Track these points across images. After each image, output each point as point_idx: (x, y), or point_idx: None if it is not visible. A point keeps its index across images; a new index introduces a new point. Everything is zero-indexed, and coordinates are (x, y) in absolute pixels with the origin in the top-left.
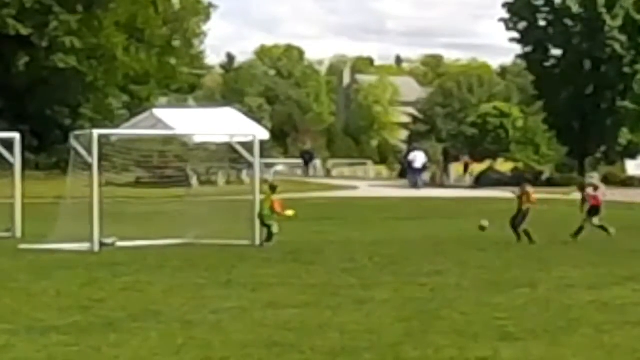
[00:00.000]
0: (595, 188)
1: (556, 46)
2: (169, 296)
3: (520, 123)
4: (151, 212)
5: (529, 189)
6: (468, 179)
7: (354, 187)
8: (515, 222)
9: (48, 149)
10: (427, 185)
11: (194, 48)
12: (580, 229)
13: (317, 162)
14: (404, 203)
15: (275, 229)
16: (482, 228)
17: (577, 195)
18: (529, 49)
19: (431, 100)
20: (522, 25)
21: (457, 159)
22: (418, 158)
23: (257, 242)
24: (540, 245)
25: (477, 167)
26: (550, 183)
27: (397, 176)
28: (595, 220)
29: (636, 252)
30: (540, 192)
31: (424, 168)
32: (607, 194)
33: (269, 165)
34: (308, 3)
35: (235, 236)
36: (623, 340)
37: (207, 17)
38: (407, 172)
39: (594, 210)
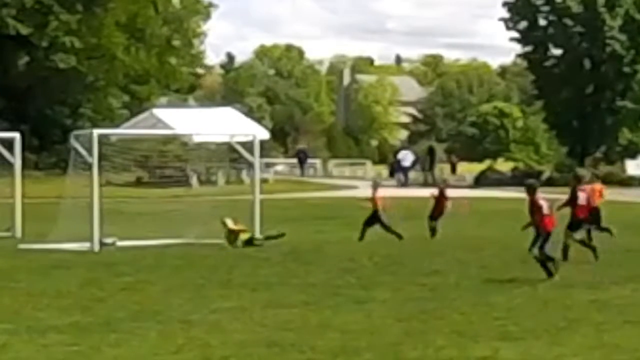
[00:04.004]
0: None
1: (556, 46)
2: (169, 296)
3: (520, 123)
4: (151, 212)
5: (378, 192)
6: (455, 179)
7: (354, 187)
8: (368, 222)
9: (48, 149)
10: (412, 184)
11: (194, 48)
12: (434, 231)
13: (317, 162)
14: (403, 203)
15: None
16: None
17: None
18: (529, 48)
19: (431, 100)
20: (522, 24)
21: (449, 159)
22: (407, 157)
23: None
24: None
25: (466, 167)
26: (550, 183)
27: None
28: (435, 224)
29: (636, 252)
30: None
31: (413, 166)
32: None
33: (269, 165)
34: (308, 3)
35: None
36: (623, 340)
37: (207, 16)
38: (395, 170)
39: (440, 214)
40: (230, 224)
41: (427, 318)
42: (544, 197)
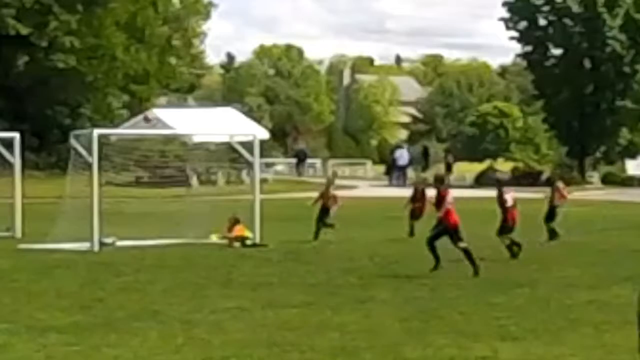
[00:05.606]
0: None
1: (556, 45)
2: (169, 296)
3: (520, 123)
4: (151, 212)
5: (333, 192)
6: (453, 179)
7: (354, 187)
8: (321, 219)
9: (48, 149)
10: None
11: (194, 48)
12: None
13: (317, 162)
14: (403, 202)
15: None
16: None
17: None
18: (529, 48)
19: (431, 100)
20: (522, 24)
21: (445, 158)
22: (402, 156)
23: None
24: (541, 245)
25: (466, 167)
26: (549, 183)
27: (384, 174)
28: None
29: (636, 252)
30: (540, 192)
31: (409, 165)
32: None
33: (269, 165)
34: (308, 3)
35: None
36: (623, 340)
37: (207, 16)
38: (391, 169)
39: (418, 214)
40: (215, 239)
41: (427, 318)
42: (450, 192)
